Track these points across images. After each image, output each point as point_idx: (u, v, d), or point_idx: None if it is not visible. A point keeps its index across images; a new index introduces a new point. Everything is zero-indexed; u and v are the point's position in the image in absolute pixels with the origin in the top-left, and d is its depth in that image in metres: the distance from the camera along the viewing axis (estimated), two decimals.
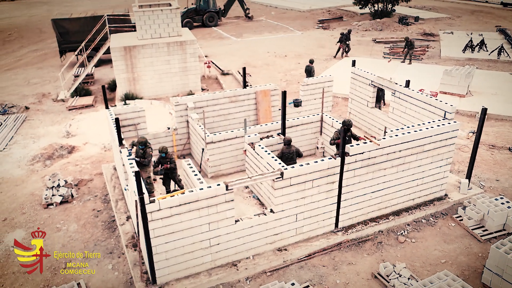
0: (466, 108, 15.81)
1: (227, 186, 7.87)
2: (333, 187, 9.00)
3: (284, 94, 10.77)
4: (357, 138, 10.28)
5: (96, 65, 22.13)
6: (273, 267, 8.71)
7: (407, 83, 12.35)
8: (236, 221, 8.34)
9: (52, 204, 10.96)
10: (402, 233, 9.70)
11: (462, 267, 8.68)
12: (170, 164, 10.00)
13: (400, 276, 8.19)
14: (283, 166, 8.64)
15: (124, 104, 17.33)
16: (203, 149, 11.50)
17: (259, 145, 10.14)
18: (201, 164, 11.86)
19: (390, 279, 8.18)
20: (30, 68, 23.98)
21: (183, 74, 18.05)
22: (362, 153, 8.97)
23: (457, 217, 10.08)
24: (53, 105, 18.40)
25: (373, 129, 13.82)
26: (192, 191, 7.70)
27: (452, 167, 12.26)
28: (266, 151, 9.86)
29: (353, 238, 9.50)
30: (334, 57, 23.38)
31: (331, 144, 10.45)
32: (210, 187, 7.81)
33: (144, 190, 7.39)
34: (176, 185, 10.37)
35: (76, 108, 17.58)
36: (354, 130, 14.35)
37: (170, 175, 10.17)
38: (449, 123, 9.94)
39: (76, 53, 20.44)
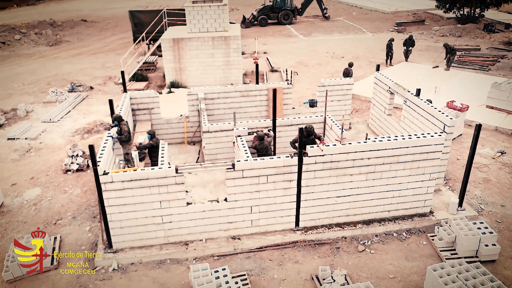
0: (507, 126, 14.33)
1: (176, 170, 8.54)
2: (291, 185, 9.14)
3: (274, 92, 11.06)
4: (319, 138, 10.14)
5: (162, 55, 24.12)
6: (222, 253, 9.18)
7: (418, 92, 11.76)
8: (188, 204, 8.98)
9: (69, 170, 12.64)
10: (364, 243, 9.47)
11: (409, 286, 8.28)
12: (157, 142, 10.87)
13: (333, 282, 8.13)
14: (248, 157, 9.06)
15: (168, 92, 18.89)
16: (201, 137, 12.29)
17: (240, 139, 10.63)
18: (200, 150, 12.66)
19: (323, 283, 8.17)
20: (110, 54, 26.90)
21: (226, 68, 18.96)
22: (323, 155, 8.96)
23: (432, 236, 9.50)
24: (113, 87, 20.62)
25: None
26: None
27: (459, 185, 11.40)
28: (243, 144, 10.34)
29: (311, 239, 9.53)
30: (406, 60, 22.43)
31: (291, 144, 10.50)
32: (161, 168, 8.56)
33: (102, 162, 8.42)
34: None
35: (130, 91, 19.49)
36: (371, 136, 14.06)
37: (153, 153, 11.02)
38: (432, 136, 9.38)
39: (143, 41, 22.53)
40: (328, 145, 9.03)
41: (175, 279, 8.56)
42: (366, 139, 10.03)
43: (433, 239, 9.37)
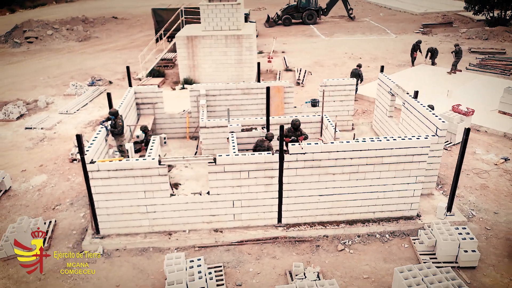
0: None
1: (159, 161, 8.88)
2: (272, 181, 9.28)
3: (267, 90, 11.22)
4: (302, 135, 10.19)
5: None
6: (203, 244, 9.45)
7: (415, 94, 11.62)
8: (171, 195, 9.30)
9: (75, 159, 13.26)
10: (345, 242, 9.49)
11: (381, 287, 8.26)
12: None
13: (305, 278, 8.24)
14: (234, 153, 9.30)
15: (181, 88, 19.38)
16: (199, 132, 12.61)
17: (232, 135, 10.88)
18: (197, 145, 13.00)
19: (295, 279, 8.29)
20: (134, 50, 27.71)
21: (238, 66, 19.23)
22: (304, 153, 9.06)
23: (415, 239, 9.40)
24: (132, 82, 21.28)
25: None
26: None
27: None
28: (233, 141, 10.60)
29: (292, 236, 9.64)
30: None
31: (277, 139, 10.58)
32: (145, 159, 8.92)
33: (90, 152, 8.88)
34: None
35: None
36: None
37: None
38: (417, 138, 9.28)
39: (161, 39, 23.14)
40: (310, 143, 9.12)
41: (154, 266, 8.90)
42: (353, 139, 10.05)
43: (415, 243, 9.28)
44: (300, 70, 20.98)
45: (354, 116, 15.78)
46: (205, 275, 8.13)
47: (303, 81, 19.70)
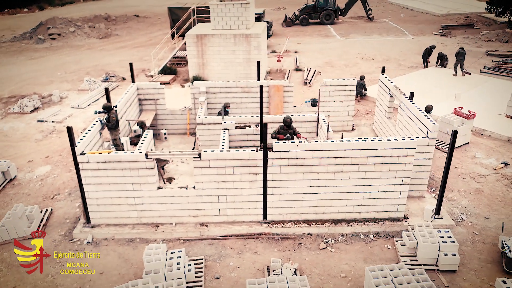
0: None
1: (146, 155, 9.16)
2: (257, 178, 9.42)
3: (261, 88, 11.35)
4: (296, 134, 10.30)
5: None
6: (188, 237, 9.69)
7: (411, 96, 11.53)
8: (158, 188, 9.57)
9: None
10: (328, 241, 9.53)
11: (357, 286, 8.28)
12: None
13: (281, 274, 8.34)
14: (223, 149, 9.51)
15: (189, 86, 19.69)
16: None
17: (223, 132, 11.08)
18: (195, 141, 13.25)
19: (271, 274, 8.41)
20: (151, 47, 28.25)
21: (246, 65, 19.41)
22: (288, 151, 9.16)
23: (398, 241, 9.36)
24: (144, 79, 21.80)
25: None
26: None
27: (448, 194, 11.05)
28: (223, 137, 10.80)
29: (276, 232, 9.75)
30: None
31: (272, 137, 10.70)
32: (133, 152, 9.23)
33: (82, 143, 9.25)
34: None
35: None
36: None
37: None
38: (403, 139, 9.24)
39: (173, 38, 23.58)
40: (294, 141, 9.20)
41: (139, 256, 9.17)
42: (341, 138, 10.08)
43: (397, 244, 9.23)
44: (309, 70, 20.99)
45: (357, 117, 15.75)
46: (184, 267, 8.36)
47: (310, 81, 19.71)
